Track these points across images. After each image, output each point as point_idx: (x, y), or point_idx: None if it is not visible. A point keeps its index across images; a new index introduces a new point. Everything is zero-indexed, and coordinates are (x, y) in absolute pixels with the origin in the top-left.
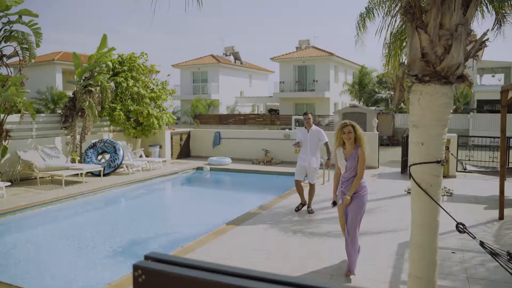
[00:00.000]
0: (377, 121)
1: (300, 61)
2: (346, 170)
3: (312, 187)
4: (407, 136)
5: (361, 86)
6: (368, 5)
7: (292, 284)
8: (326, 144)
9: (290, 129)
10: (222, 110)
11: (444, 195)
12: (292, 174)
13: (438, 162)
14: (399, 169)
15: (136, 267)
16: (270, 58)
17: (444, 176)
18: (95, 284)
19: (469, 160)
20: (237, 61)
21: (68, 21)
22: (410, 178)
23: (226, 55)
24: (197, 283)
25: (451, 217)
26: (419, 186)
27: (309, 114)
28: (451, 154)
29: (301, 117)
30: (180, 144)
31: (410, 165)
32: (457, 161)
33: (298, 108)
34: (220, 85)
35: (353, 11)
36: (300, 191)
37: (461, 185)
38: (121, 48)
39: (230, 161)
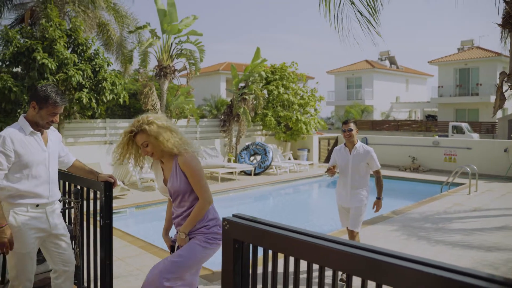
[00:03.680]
0: None
1: (462, 63)
2: (172, 199)
3: (352, 237)
4: None
5: None
6: None
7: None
8: (377, 172)
9: (446, 136)
10: (377, 116)
11: None
12: (438, 182)
13: None
14: None
15: (224, 219)
16: (428, 62)
17: None
18: None
19: None
20: (392, 65)
21: (233, 33)
22: None
23: (381, 60)
24: (257, 230)
25: None
26: None
27: (350, 124)
28: None
29: (460, 123)
30: (328, 149)
31: None
32: None
33: (459, 114)
34: (375, 91)
35: None
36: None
37: None
38: (280, 55)
39: None
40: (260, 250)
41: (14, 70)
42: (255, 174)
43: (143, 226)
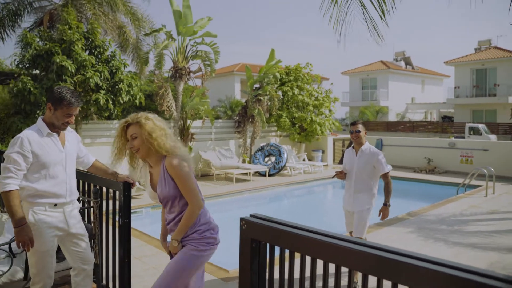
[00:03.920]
0: None
1: (479, 64)
2: (163, 205)
3: None
4: None
5: None
6: None
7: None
8: (385, 177)
9: (463, 137)
10: (392, 117)
11: None
12: (454, 184)
13: None
14: None
15: (241, 219)
16: (444, 62)
17: None
18: None
19: None
20: (408, 66)
21: (247, 34)
22: None
23: (397, 61)
24: (274, 230)
25: None
26: None
27: (359, 125)
28: None
29: (477, 125)
30: (342, 150)
31: None
32: None
33: (476, 115)
34: (390, 92)
35: None
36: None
37: None
38: (294, 56)
39: (390, 168)
40: (277, 250)
41: (33, 72)
42: (269, 175)
43: (159, 226)
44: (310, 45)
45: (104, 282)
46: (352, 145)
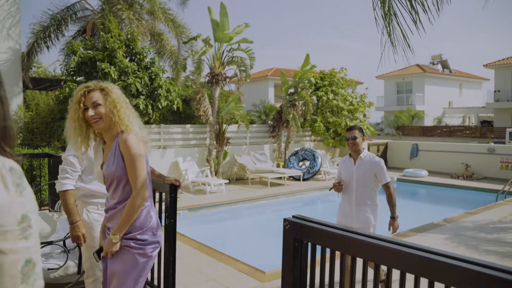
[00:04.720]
0: None
1: None
2: (106, 186)
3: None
4: None
5: None
6: None
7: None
8: (387, 187)
9: (503, 142)
10: (428, 122)
11: None
12: (493, 191)
13: None
14: None
15: (284, 220)
16: (484, 65)
17: None
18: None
19: None
20: (445, 69)
21: (279, 38)
22: None
23: (433, 64)
24: (316, 230)
25: None
26: None
27: (355, 131)
28: None
29: None
30: (377, 155)
31: None
32: None
33: None
34: (426, 96)
35: None
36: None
37: None
38: (328, 59)
39: (426, 174)
40: (318, 249)
41: (78, 79)
42: (303, 180)
43: (196, 227)
44: (344, 49)
45: (149, 278)
46: (349, 153)
